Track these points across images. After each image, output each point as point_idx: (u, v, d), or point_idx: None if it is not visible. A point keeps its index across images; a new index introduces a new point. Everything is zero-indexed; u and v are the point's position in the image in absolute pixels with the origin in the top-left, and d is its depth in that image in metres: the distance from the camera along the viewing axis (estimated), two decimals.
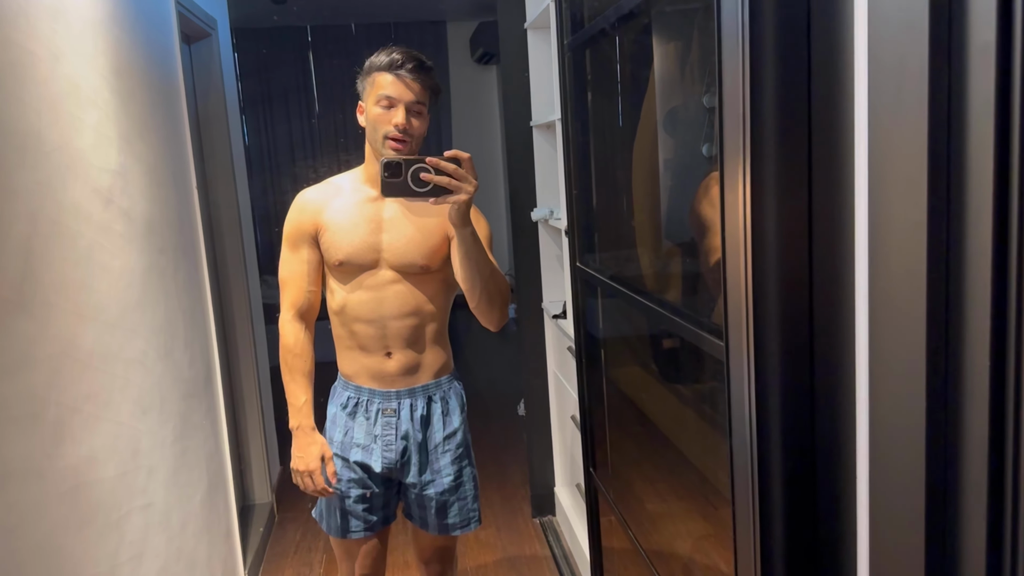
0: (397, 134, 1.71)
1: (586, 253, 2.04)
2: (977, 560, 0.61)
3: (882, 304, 0.69)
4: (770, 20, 0.80)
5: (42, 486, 1.31)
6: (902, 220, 0.64)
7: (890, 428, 0.70)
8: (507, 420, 4.40)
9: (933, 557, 0.65)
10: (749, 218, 0.82)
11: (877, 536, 0.75)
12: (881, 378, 0.70)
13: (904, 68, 0.62)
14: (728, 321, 0.91)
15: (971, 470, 0.61)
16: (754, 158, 0.82)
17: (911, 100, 0.61)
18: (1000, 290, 0.56)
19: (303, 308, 1.88)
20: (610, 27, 1.68)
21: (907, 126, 0.62)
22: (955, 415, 0.62)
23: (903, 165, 0.64)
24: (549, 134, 2.94)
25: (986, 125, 0.55)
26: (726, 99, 0.88)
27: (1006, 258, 0.55)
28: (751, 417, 0.84)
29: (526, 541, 3.11)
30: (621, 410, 2.00)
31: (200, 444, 2.29)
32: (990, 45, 0.54)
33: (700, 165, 1.41)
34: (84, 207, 1.58)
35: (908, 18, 0.60)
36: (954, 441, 0.62)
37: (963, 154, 0.59)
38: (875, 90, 0.67)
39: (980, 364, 0.59)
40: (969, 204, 0.58)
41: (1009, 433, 0.58)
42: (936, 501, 0.63)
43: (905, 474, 0.66)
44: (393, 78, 1.71)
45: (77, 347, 1.49)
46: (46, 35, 1.48)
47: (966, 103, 0.58)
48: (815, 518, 0.86)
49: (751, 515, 0.86)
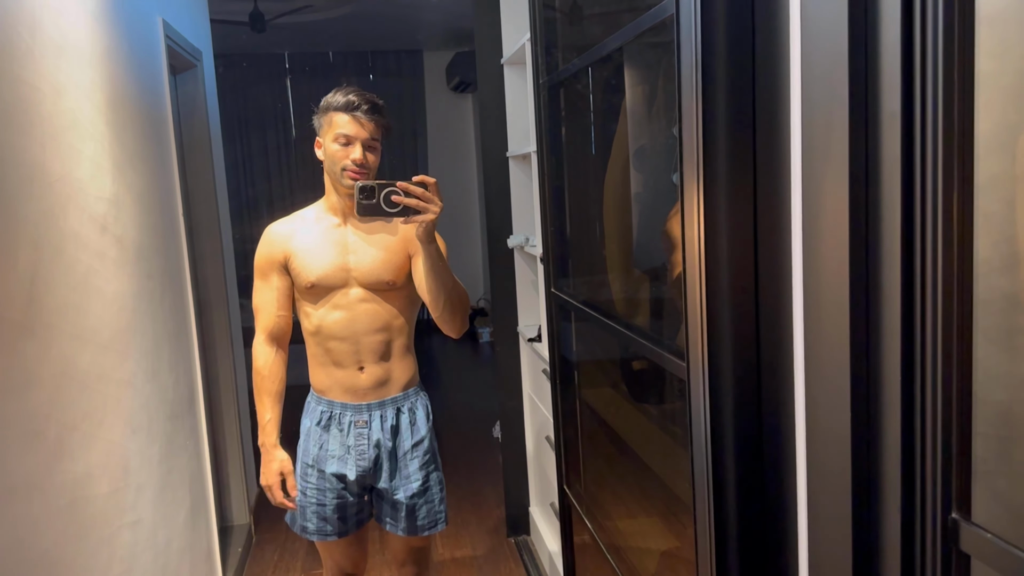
0: (355, 168, 1.85)
1: (560, 279, 2.14)
2: (893, 544, 0.72)
3: (814, 322, 0.80)
4: (722, 76, 0.92)
5: (43, 501, 1.37)
6: (829, 247, 0.76)
7: (823, 431, 0.80)
8: (483, 442, 4.47)
9: (859, 546, 0.75)
10: (703, 240, 0.94)
11: (815, 527, 0.85)
12: (814, 385, 0.81)
13: (830, 124, 0.73)
14: (688, 338, 1.01)
15: (887, 459, 0.71)
16: (707, 188, 0.94)
17: (836, 151, 0.73)
18: (907, 306, 0.67)
19: (275, 332, 2.00)
20: (583, 69, 1.81)
21: (832, 171, 0.74)
22: (875, 418, 0.73)
23: (829, 202, 0.75)
24: (525, 164, 3.05)
25: (893, 173, 0.67)
26: (684, 140, 0.99)
27: (912, 279, 0.66)
28: (706, 423, 0.95)
29: (501, 560, 3.18)
30: (594, 429, 2.10)
31: (184, 464, 2.35)
32: (895, 113, 0.65)
33: (668, 195, 1.53)
34: (82, 234, 1.66)
35: (832, 86, 0.72)
36: (874, 440, 0.73)
37: (878, 194, 0.70)
38: (807, 138, 0.79)
39: (892, 370, 0.70)
40: (883, 236, 0.70)
41: (917, 435, 0.68)
42: (860, 487, 0.74)
43: (834, 465, 0.77)
44: (349, 118, 1.86)
45: (75, 368, 1.56)
46: (50, 71, 1.56)
47: (879, 154, 0.70)
48: (763, 511, 0.97)
49: (707, 509, 0.96)
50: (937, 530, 0.69)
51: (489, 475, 3.98)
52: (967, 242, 0.71)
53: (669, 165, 1.50)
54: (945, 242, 0.70)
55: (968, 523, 0.67)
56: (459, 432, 4.66)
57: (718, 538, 0.97)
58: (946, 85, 0.68)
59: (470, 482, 3.93)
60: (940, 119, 0.67)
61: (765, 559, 0.98)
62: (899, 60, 0.67)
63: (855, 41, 0.69)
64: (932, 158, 0.69)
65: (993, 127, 0.69)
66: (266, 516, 3.54)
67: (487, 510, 3.63)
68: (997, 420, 0.72)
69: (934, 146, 0.69)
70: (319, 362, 2.00)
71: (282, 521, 2.19)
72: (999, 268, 0.72)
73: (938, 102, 0.68)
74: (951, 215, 0.70)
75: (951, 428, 0.69)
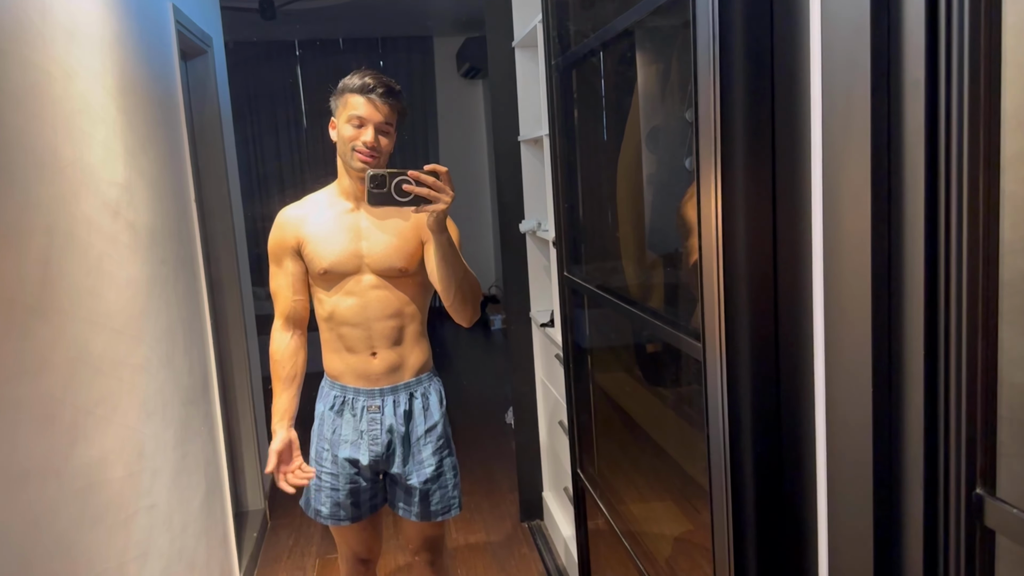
0: (366, 151, 1.85)
1: (573, 263, 2.13)
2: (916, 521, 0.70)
3: (834, 302, 0.79)
4: (739, 52, 0.90)
5: (59, 484, 1.38)
6: (850, 227, 0.74)
7: (843, 412, 0.79)
8: (496, 428, 4.47)
9: (880, 525, 0.74)
10: (721, 224, 0.92)
11: (835, 507, 0.84)
12: (835, 366, 0.80)
13: (851, 98, 0.72)
14: (704, 318, 1.00)
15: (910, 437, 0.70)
16: (725, 171, 0.92)
17: (857, 125, 0.71)
18: (931, 286, 0.65)
19: (292, 316, 2.01)
20: (596, 48, 1.78)
21: (853, 147, 0.72)
22: (897, 398, 0.72)
23: (851, 180, 0.73)
24: (536, 148, 3.03)
25: (917, 147, 0.65)
26: (701, 120, 0.97)
27: (935, 259, 0.64)
28: (724, 403, 0.94)
29: (515, 545, 3.19)
30: (607, 413, 2.09)
31: (199, 449, 2.36)
32: (919, 81, 0.63)
33: (681, 178, 1.51)
34: (95, 219, 1.66)
35: (853, 56, 0.70)
36: (896, 419, 0.72)
37: (900, 171, 0.68)
38: (828, 114, 0.77)
39: (916, 352, 0.68)
40: (906, 214, 0.68)
41: (940, 419, 0.67)
42: (881, 465, 0.73)
43: (855, 444, 0.75)
44: (364, 100, 1.84)
45: (89, 352, 1.56)
46: (61, 55, 1.56)
47: (902, 127, 0.68)
48: (782, 492, 0.95)
49: (724, 491, 0.95)
50: (961, 506, 0.68)
51: (502, 461, 3.99)
52: (992, 220, 0.69)
53: (683, 146, 1.48)
54: (971, 220, 0.68)
55: (993, 498, 0.66)
56: (472, 418, 4.66)
57: (735, 520, 0.96)
58: (972, 56, 0.66)
59: (483, 468, 3.94)
60: (966, 88, 0.65)
61: (784, 539, 0.97)
62: (923, 26, 0.65)
63: (877, 5, 0.67)
64: (957, 131, 0.67)
65: (1018, 105, 0.67)
66: (281, 502, 3.56)
67: (500, 495, 3.63)
68: (1021, 404, 0.71)
69: (959, 118, 0.67)
70: (332, 348, 2.00)
71: (297, 507, 2.20)
72: (1023, 249, 0.70)
73: (964, 71, 0.66)
74: (976, 192, 0.68)
75: (975, 405, 0.68)
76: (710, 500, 1.03)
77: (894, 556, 0.76)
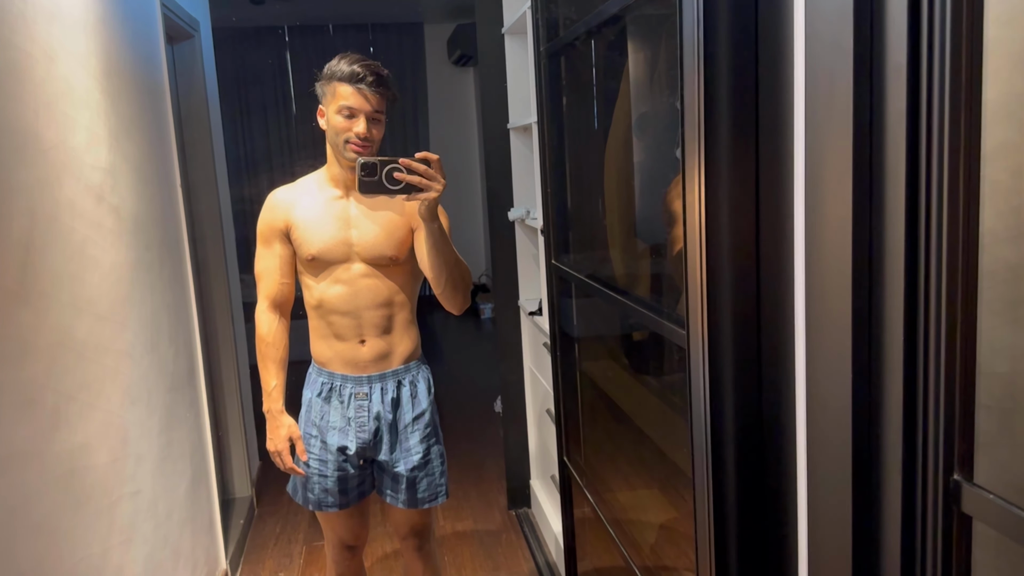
0: (359, 142, 1.82)
1: (561, 252, 2.13)
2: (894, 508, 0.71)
3: (816, 289, 0.79)
4: (724, 37, 0.90)
5: (41, 469, 1.37)
6: (832, 214, 0.74)
7: (823, 397, 0.79)
8: (484, 416, 4.48)
9: (859, 509, 0.74)
10: (704, 209, 0.92)
11: (814, 491, 0.84)
12: (815, 352, 0.80)
13: (833, 83, 0.71)
14: (688, 305, 1.00)
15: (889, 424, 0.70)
16: (708, 155, 0.92)
17: (839, 109, 0.71)
18: (911, 273, 0.65)
19: (277, 299, 1.99)
20: (585, 35, 1.78)
21: (836, 132, 0.72)
22: (877, 384, 0.72)
23: (833, 166, 0.73)
24: (526, 136, 3.02)
25: (899, 133, 0.65)
26: (685, 106, 0.97)
27: (916, 246, 0.64)
28: (705, 387, 0.94)
29: (502, 532, 3.20)
30: (594, 401, 2.09)
31: (184, 436, 2.35)
32: (901, 66, 0.63)
33: (669, 167, 1.51)
34: (78, 203, 1.64)
35: (836, 40, 0.69)
36: (876, 405, 0.72)
37: (882, 157, 0.68)
38: (811, 100, 0.77)
39: (895, 338, 0.68)
40: (887, 201, 0.68)
41: (919, 406, 0.67)
42: (860, 451, 0.73)
43: (835, 430, 0.76)
44: (353, 90, 1.81)
45: (72, 338, 1.55)
46: (42, 37, 1.54)
47: (884, 112, 0.68)
48: (763, 474, 0.96)
49: (705, 473, 0.96)
50: (939, 492, 0.68)
51: (490, 448, 3.99)
52: (973, 207, 0.69)
53: (672, 132, 1.48)
54: (951, 206, 0.68)
55: (970, 484, 0.66)
56: (461, 406, 4.66)
57: (716, 505, 0.97)
58: (953, 40, 0.66)
59: (471, 455, 3.94)
60: (947, 74, 0.65)
61: (764, 526, 0.98)
62: (906, 11, 0.64)
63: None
64: (939, 117, 0.67)
65: (1000, 95, 0.67)
66: (268, 489, 3.55)
67: (488, 483, 3.64)
68: (1000, 393, 0.71)
69: (940, 104, 0.67)
70: (320, 335, 2.00)
71: (284, 494, 2.20)
72: (1005, 239, 0.70)
73: (945, 57, 0.66)
74: (957, 179, 0.68)
75: (954, 391, 0.68)
76: (693, 485, 1.03)
77: (873, 540, 0.77)
